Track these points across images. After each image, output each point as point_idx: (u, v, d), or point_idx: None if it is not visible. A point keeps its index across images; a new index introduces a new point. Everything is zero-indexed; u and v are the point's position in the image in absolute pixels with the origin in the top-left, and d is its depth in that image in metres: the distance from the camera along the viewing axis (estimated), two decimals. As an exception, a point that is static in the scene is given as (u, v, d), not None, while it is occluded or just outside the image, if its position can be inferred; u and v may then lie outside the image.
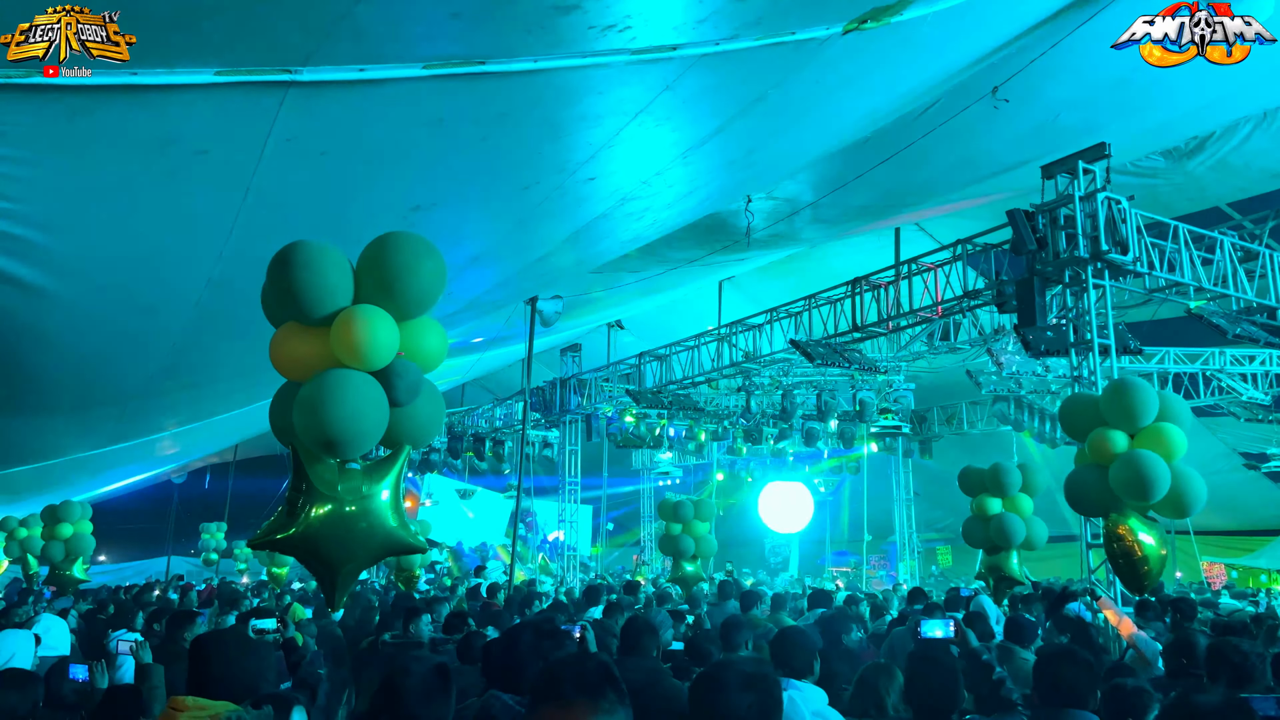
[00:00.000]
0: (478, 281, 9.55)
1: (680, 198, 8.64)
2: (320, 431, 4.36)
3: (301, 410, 4.43)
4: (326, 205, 5.95)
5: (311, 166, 5.21)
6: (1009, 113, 9.04)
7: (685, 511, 15.64)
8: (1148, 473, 7.62)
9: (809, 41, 5.25)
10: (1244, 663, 4.17)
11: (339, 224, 6.27)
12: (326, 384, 4.41)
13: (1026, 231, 10.40)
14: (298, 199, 5.73)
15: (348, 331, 4.44)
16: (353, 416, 4.38)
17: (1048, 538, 11.70)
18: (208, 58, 3.82)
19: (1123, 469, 7.78)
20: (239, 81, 3.95)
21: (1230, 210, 13.44)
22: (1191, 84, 9.84)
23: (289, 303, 4.57)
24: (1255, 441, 18.85)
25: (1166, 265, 11.20)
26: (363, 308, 4.52)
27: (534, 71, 4.62)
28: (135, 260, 6.11)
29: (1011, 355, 13.93)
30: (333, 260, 4.54)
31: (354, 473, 4.64)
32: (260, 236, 6.01)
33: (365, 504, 4.69)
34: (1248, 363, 15.88)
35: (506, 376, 24.61)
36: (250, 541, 5.08)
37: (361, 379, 4.48)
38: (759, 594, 9.00)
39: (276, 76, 4.01)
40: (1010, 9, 6.81)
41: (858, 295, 13.70)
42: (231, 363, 9.97)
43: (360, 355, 4.44)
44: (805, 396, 18.79)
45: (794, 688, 3.86)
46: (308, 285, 4.43)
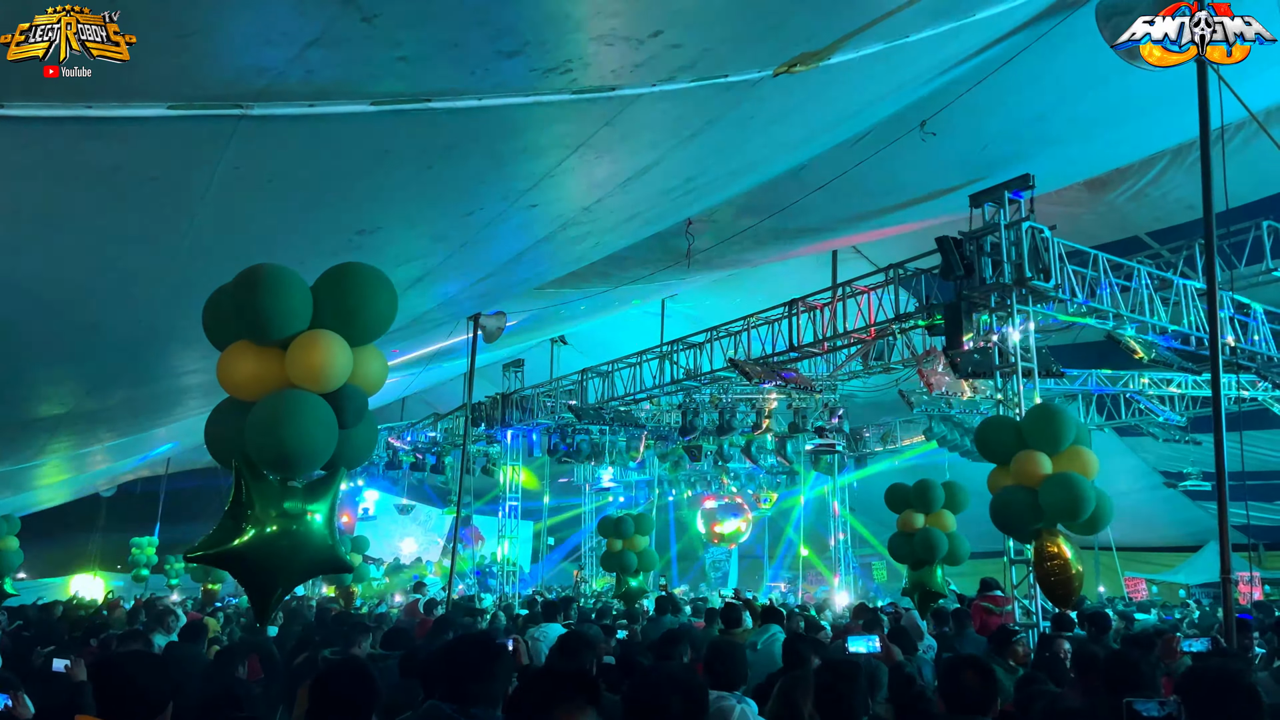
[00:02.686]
0: (421, 301, 9.67)
1: (621, 222, 8.87)
2: (275, 450, 4.48)
3: (256, 428, 4.55)
4: (273, 229, 6.07)
5: (259, 193, 5.33)
6: (938, 144, 9.43)
7: (626, 527, 15.83)
8: (1079, 493, 7.98)
9: (741, 83, 5.52)
10: (1136, 671, 4.48)
11: (284, 246, 6.38)
12: (283, 404, 4.55)
13: (955, 258, 10.82)
14: (244, 223, 5.84)
15: (307, 354, 4.59)
16: (308, 437, 4.52)
17: (970, 553, 12.09)
18: (161, 93, 3.95)
19: (1054, 490, 8.08)
20: (192, 115, 4.07)
21: (1149, 240, 14.05)
22: (1110, 119, 10.38)
23: (247, 322, 4.70)
24: (1173, 461, 19.60)
25: (1087, 291, 11.71)
26: (323, 332, 4.67)
27: (479, 109, 4.81)
28: (79, 280, 6.15)
29: (941, 376, 14.37)
30: (295, 284, 4.69)
31: (295, 491, 4.77)
32: (205, 258, 6.12)
33: (304, 522, 4.82)
34: (1164, 385, 16.55)
35: (448, 391, 24.60)
36: (187, 555, 5.14)
37: (316, 401, 4.62)
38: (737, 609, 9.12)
39: (228, 111, 4.14)
40: (934, 51, 7.16)
41: (794, 316, 14.06)
42: (169, 379, 9.95)
43: (318, 378, 4.59)
44: (745, 414, 19.17)
45: (745, 701, 4.08)
46: (271, 307, 4.57)
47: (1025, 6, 7.14)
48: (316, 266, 5.29)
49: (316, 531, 4.78)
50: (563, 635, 5.43)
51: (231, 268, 4.99)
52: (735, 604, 8.38)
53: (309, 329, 4.73)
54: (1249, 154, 9.95)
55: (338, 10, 3.67)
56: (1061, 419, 8.38)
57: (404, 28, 3.94)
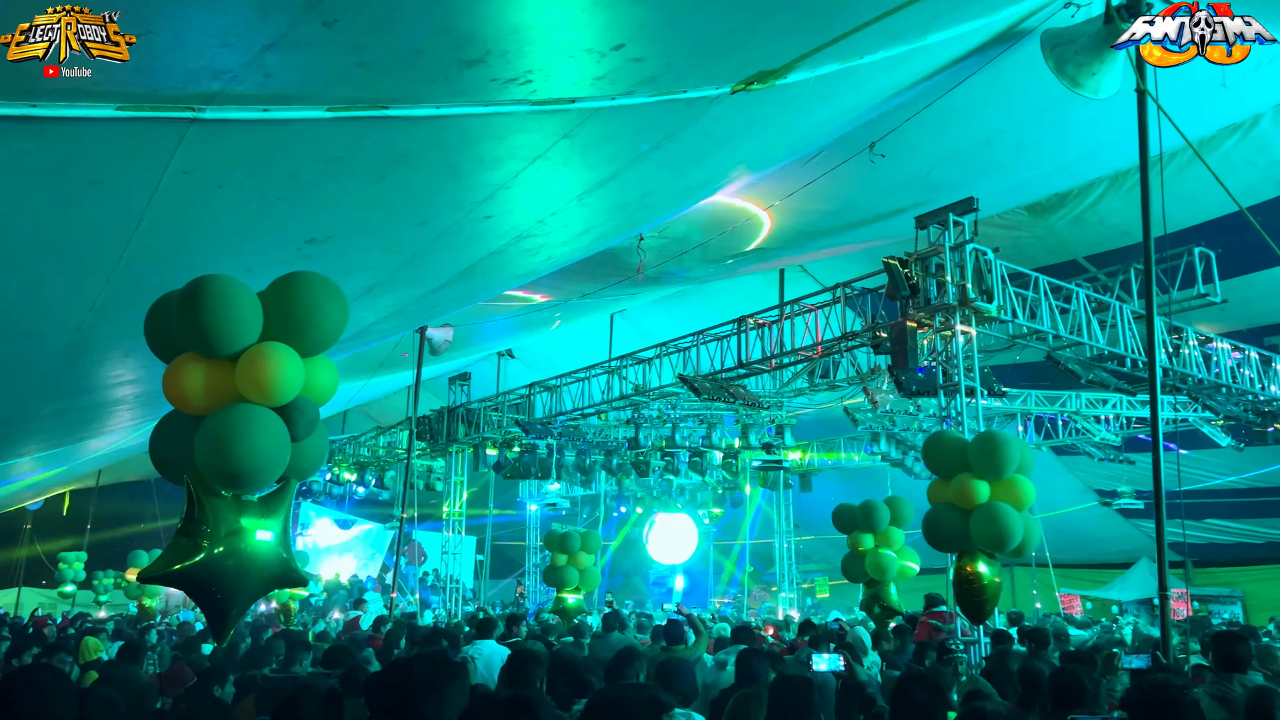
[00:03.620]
0: (369, 311, 9.54)
1: (575, 236, 8.85)
2: (229, 468, 4.37)
3: (207, 445, 4.43)
4: (221, 235, 5.93)
5: (208, 198, 5.20)
6: (886, 166, 9.59)
7: (572, 543, 15.74)
8: (1007, 527, 8.20)
9: (700, 99, 5.55)
10: (1080, 687, 4.57)
11: (232, 253, 6.25)
12: (234, 420, 4.43)
13: (900, 278, 10.99)
14: (192, 229, 5.70)
15: (258, 369, 4.48)
16: (261, 452, 4.41)
17: (919, 569, 12.26)
18: (110, 94, 3.84)
19: (984, 521, 8.29)
20: (141, 117, 3.97)
21: (1086, 263, 14.41)
22: (1052, 145, 10.66)
23: (195, 337, 4.57)
24: (1108, 479, 20.08)
25: (1028, 313, 11.97)
26: (274, 346, 4.56)
27: (436, 117, 4.77)
28: (18, 285, 5.95)
29: (886, 394, 14.57)
30: (245, 297, 4.58)
31: (251, 505, 4.66)
32: (150, 264, 5.96)
33: (264, 539, 4.71)
34: (1101, 406, 16.97)
35: (391, 404, 24.27)
36: (140, 575, 5.01)
37: (267, 415, 4.51)
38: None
39: (179, 114, 4.04)
40: (888, 74, 7.28)
41: (743, 333, 14.16)
42: (107, 389, 9.66)
43: (269, 392, 4.48)
44: (693, 429, 19.22)
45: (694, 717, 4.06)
46: (220, 321, 4.45)
47: (975, 34, 7.30)
48: (265, 275, 5.18)
49: (272, 546, 4.68)
50: (513, 654, 5.35)
51: (177, 274, 4.87)
52: (677, 620, 8.37)
53: (259, 342, 4.62)
54: (1183, 182, 10.27)
55: (299, 14, 3.61)
56: (1007, 448, 8.52)
57: (366, 33, 3.89)
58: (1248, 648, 5.59)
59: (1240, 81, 8.91)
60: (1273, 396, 15.13)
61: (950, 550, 8.91)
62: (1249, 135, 11.09)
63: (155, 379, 5.29)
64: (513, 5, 4.14)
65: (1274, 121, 10.95)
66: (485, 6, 4.08)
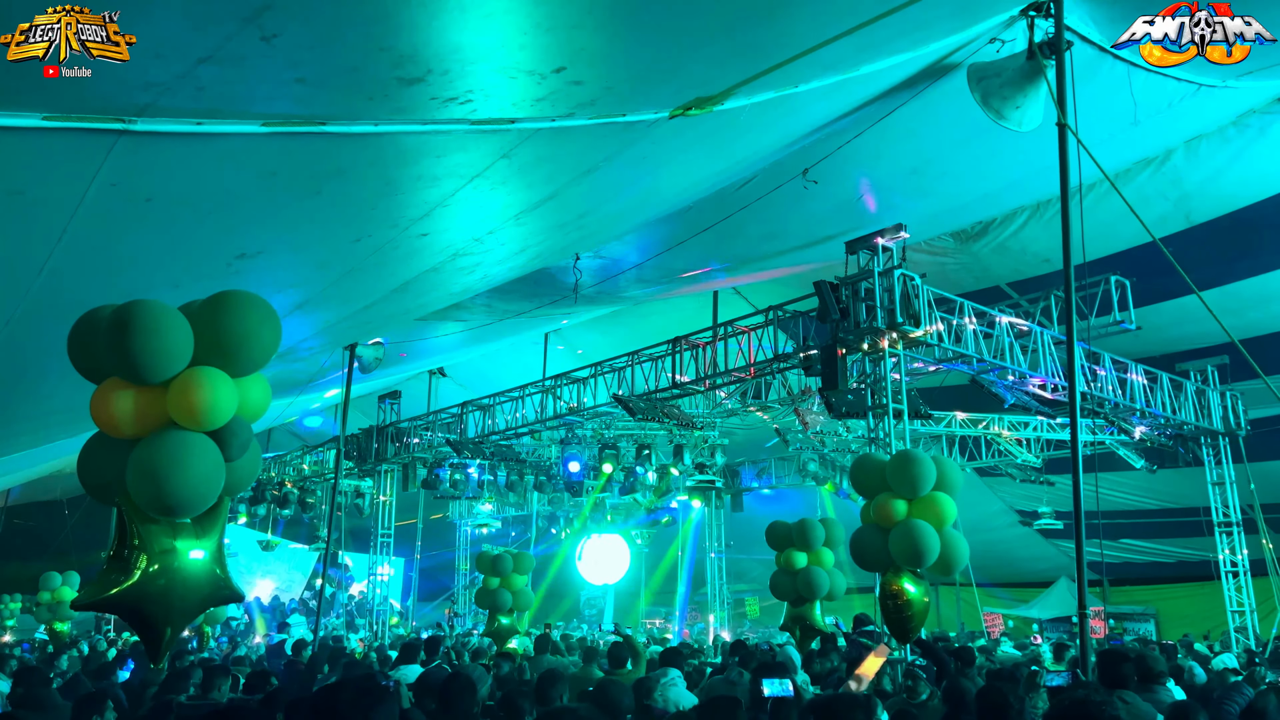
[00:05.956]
0: (299, 328, 9.38)
1: (512, 254, 8.83)
2: (164, 498, 4.25)
3: (140, 474, 4.30)
4: (148, 250, 5.78)
5: (135, 211, 5.07)
6: (818, 192, 9.78)
7: (504, 565, 15.55)
8: (923, 543, 8.34)
9: (638, 123, 5.60)
10: (1006, 705, 4.67)
11: (160, 268, 6.11)
12: (168, 448, 4.31)
13: (831, 302, 11.21)
14: (117, 242, 5.55)
15: (191, 395, 4.36)
16: (196, 481, 4.31)
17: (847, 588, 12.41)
18: (35, 102, 3.73)
19: (901, 538, 8.44)
20: (67, 128, 3.87)
21: (1009, 290, 14.83)
22: (977, 174, 10.98)
23: (124, 365, 4.42)
24: (1029, 500, 20.58)
25: (954, 337, 12.28)
26: (205, 372, 4.44)
27: (374, 134, 4.73)
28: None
29: (816, 415, 14.77)
30: (175, 324, 4.44)
31: (186, 527, 4.53)
32: (74, 278, 5.79)
33: (196, 558, 4.61)
34: (1023, 428, 17.44)
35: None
36: (74, 604, 4.87)
37: (201, 441, 4.41)
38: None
39: (108, 125, 3.95)
40: (821, 102, 7.44)
41: (678, 354, 14.25)
42: (22, 405, 9.33)
43: (202, 419, 4.36)
44: (626, 449, 19.22)
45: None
46: (150, 351, 4.32)
47: (905, 66, 7.50)
48: (193, 290, 5.07)
49: (206, 564, 4.55)
50: (447, 677, 5.28)
51: (102, 289, 4.74)
52: (620, 642, 8.35)
53: (190, 366, 4.50)
54: (1100, 213, 10.65)
55: (236, 27, 3.56)
56: (920, 466, 8.65)
57: (304, 49, 3.85)
58: (1132, 666, 5.72)
59: (1154, 118, 9.31)
60: (1183, 421, 15.71)
61: (875, 569, 9.03)
62: (1161, 169, 11.57)
63: (76, 396, 5.13)
64: (455, 25, 4.14)
65: (1185, 157, 11.45)
66: (427, 26, 4.08)
